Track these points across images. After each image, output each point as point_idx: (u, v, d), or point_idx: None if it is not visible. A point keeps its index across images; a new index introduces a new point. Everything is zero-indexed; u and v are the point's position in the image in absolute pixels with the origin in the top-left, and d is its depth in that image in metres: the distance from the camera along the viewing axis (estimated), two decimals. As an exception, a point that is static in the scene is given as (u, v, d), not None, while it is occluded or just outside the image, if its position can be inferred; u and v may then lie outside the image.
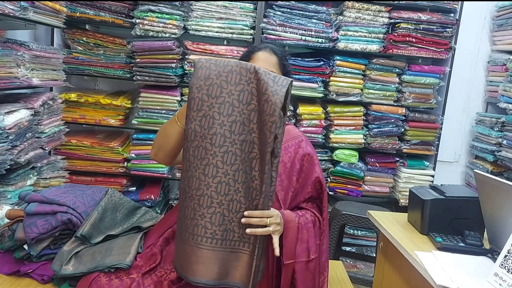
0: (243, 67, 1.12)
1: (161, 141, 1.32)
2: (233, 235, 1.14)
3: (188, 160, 1.13)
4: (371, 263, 2.85)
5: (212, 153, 1.11)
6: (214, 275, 1.13)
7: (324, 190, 1.41)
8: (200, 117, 1.12)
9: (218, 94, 1.11)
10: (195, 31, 2.71)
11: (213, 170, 1.11)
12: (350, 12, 2.72)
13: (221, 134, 1.11)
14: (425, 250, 1.33)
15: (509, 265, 1.07)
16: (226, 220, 1.13)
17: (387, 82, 2.81)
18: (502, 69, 2.87)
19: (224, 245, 1.14)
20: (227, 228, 1.13)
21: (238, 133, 1.12)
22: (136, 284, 1.21)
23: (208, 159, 1.11)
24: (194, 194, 1.12)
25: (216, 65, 1.13)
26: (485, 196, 1.31)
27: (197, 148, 1.12)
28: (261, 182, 1.12)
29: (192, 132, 1.12)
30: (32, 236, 1.34)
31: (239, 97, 1.12)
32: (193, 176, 1.12)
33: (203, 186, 1.12)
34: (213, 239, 1.13)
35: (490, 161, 2.84)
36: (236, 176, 1.12)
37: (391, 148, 2.86)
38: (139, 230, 1.49)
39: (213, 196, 1.12)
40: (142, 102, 2.74)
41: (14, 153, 1.84)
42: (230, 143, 1.11)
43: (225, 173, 1.12)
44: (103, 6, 2.64)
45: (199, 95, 1.12)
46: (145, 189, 2.85)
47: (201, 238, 1.13)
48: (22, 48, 1.97)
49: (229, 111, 1.11)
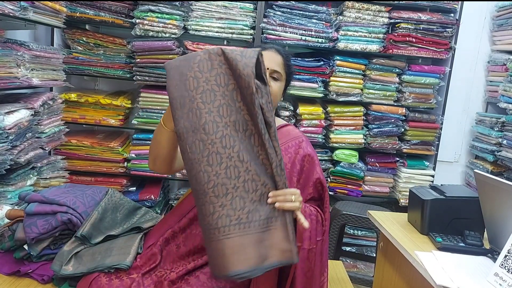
0: (211, 53, 1.13)
1: (155, 150, 1.32)
2: (258, 215, 1.11)
3: (189, 159, 1.12)
4: (371, 263, 2.85)
5: (210, 141, 1.10)
6: (254, 261, 1.08)
7: (325, 191, 1.40)
8: (186, 112, 1.11)
9: (196, 85, 1.11)
10: (195, 31, 2.71)
11: (216, 158, 1.10)
12: (350, 12, 2.72)
13: (212, 121, 1.10)
14: (425, 250, 1.33)
15: (509, 265, 1.07)
16: (247, 202, 1.11)
17: (387, 82, 2.81)
18: (502, 69, 2.87)
19: (253, 228, 1.11)
20: (250, 209, 1.11)
21: (228, 115, 1.11)
22: (136, 284, 1.21)
23: (208, 149, 1.10)
24: (206, 188, 1.10)
25: (185, 60, 1.13)
26: (485, 196, 1.31)
27: (193, 143, 1.11)
28: (266, 155, 1.12)
29: (184, 130, 1.11)
30: (32, 236, 1.34)
31: (217, 81, 1.12)
32: (199, 172, 1.10)
33: (213, 177, 1.10)
34: (240, 224, 1.10)
35: (490, 161, 2.84)
36: (241, 157, 1.10)
37: (391, 148, 2.86)
38: (139, 230, 1.49)
39: (226, 182, 1.10)
40: (142, 102, 2.74)
41: (14, 153, 1.84)
42: (224, 127, 1.11)
43: (229, 157, 1.10)
44: (103, 6, 2.65)
45: (179, 93, 1.12)
46: (145, 189, 2.85)
47: (228, 228, 1.09)
48: (22, 48, 1.97)
49: (212, 97, 1.11)
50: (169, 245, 1.34)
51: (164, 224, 1.41)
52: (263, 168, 1.13)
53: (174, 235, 1.33)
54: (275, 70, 1.44)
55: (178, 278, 1.24)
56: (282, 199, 1.12)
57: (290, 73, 1.50)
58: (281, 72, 1.45)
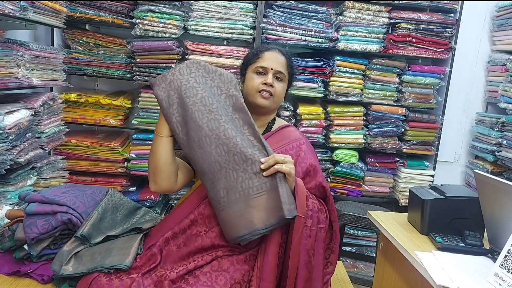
0: (188, 63, 1.36)
1: (153, 163, 1.33)
2: (251, 182, 1.25)
3: (187, 147, 1.29)
4: (371, 263, 2.85)
5: (198, 128, 1.27)
6: (253, 224, 1.22)
7: (329, 195, 1.40)
8: (176, 108, 1.29)
9: (179, 84, 1.31)
10: (195, 31, 2.71)
11: (206, 140, 1.27)
12: (350, 12, 2.72)
13: (197, 111, 1.28)
14: (425, 250, 1.33)
15: (509, 265, 1.07)
16: (239, 172, 1.25)
17: (387, 82, 2.81)
18: (502, 69, 2.87)
19: (248, 195, 1.25)
20: (243, 178, 1.25)
21: (210, 104, 1.30)
22: (136, 284, 1.21)
23: (198, 135, 1.27)
24: (204, 167, 1.27)
25: (167, 72, 1.34)
26: (485, 196, 1.31)
27: (186, 133, 1.28)
28: (250, 132, 1.31)
29: (176, 124, 1.29)
30: (32, 236, 1.34)
31: (196, 80, 1.32)
32: (195, 156, 1.28)
33: (206, 157, 1.26)
34: (236, 193, 1.25)
35: (490, 161, 2.84)
36: (227, 134, 1.26)
37: (391, 148, 2.86)
38: (139, 231, 1.49)
39: (218, 159, 1.26)
40: (142, 102, 2.74)
41: (14, 153, 1.84)
42: (208, 113, 1.28)
43: (216, 137, 1.27)
44: (103, 6, 2.65)
45: (166, 93, 1.30)
46: (145, 189, 2.85)
47: (226, 198, 1.25)
48: (22, 48, 1.97)
49: (194, 91, 1.30)
50: (169, 245, 1.34)
51: (165, 225, 1.41)
52: (249, 142, 1.29)
53: (175, 236, 1.33)
54: (279, 71, 1.44)
55: (178, 278, 1.24)
56: (272, 162, 1.23)
57: (293, 73, 1.51)
58: (285, 72, 1.46)
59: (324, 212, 1.36)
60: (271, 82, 1.42)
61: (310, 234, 1.29)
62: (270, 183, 1.25)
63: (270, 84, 1.42)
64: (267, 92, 1.41)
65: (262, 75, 1.44)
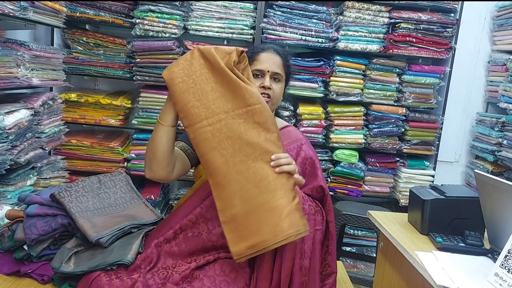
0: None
1: (152, 149, 1.30)
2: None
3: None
4: (371, 263, 2.85)
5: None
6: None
7: (327, 195, 1.40)
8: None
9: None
10: (195, 31, 2.71)
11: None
12: (350, 12, 2.72)
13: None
14: (425, 250, 1.33)
15: (509, 265, 1.07)
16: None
17: (387, 82, 2.81)
18: (502, 69, 2.87)
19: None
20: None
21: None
22: (140, 284, 1.21)
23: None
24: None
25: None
26: (486, 196, 1.31)
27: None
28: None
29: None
30: (32, 237, 1.33)
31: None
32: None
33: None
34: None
35: (490, 161, 2.83)
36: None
37: (391, 148, 2.86)
38: (139, 228, 1.48)
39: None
40: (142, 102, 2.74)
41: (14, 153, 1.84)
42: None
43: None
44: (103, 6, 2.64)
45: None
46: (145, 189, 2.85)
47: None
48: (22, 48, 1.97)
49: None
50: (170, 245, 1.33)
51: (165, 225, 1.41)
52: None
53: (175, 236, 1.33)
54: (276, 72, 1.44)
55: (181, 280, 1.24)
56: (284, 162, 1.19)
57: (289, 72, 1.50)
58: (281, 73, 1.46)
59: (320, 214, 1.36)
60: (268, 85, 1.42)
61: (307, 237, 1.29)
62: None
63: (268, 87, 1.42)
64: (265, 95, 1.41)
65: (259, 78, 1.44)
